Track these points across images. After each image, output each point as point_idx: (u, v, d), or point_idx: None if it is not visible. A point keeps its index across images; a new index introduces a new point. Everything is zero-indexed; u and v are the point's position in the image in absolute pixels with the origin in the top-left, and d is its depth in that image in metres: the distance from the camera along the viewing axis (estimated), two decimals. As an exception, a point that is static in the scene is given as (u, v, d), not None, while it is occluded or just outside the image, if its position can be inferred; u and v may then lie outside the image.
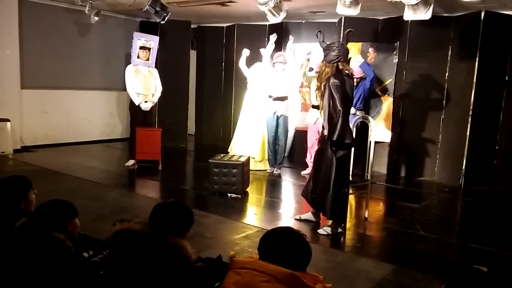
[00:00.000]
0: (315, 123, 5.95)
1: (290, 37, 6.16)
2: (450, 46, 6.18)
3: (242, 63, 6.51)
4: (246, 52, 6.45)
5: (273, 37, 6.13)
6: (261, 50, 6.39)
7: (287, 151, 7.00)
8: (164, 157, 6.48)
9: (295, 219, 4.36)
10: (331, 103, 3.79)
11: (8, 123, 6.88)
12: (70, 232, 2.14)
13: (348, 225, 4.26)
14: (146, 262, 1.80)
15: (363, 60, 6.03)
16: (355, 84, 5.08)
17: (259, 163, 6.40)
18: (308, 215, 4.29)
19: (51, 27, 7.50)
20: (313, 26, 7.49)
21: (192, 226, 2.20)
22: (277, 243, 1.77)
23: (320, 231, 4.01)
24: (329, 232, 3.98)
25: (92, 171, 6.17)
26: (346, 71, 3.88)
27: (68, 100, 7.91)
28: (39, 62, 7.40)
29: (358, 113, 5.85)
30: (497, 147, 5.97)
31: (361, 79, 6.09)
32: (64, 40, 7.72)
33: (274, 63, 6.22)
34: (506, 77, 5.87)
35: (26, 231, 1.97)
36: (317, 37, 4.04)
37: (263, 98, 6.35)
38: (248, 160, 5.50)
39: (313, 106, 5.95)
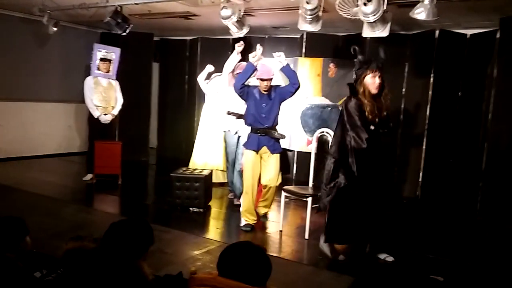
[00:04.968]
0: None
1: (258, 46, 4.59)
2: (406, 63, 6.40)
3: (201, 77, 6.19)
4: (209, 68, 6.16)
5: (240, 46, 5.11)
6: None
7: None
8: (124, 171, 6.33)
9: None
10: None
11: (-42, 136, 6.57)
12: (21, 251, 2.05)
13: (309, 237, 4.29)
14: (99, 283, 1.73)
15: (286, 63, 4.42)
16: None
17: (222, 176, 6.27)
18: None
19: (7, 37, 7.25)
20: (276, 41, 7.62)
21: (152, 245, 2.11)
22: (236, 258, 1.75)
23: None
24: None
25: (48, 186, 5.94)
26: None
27: (23, 112, 7.63)
28: (-7, 72, 7.13)
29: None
30: (451, 160, 6.20)
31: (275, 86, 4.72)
32: (21, 51, 7.48)
33: (237, 73, 5.13)
34: (459, 93, 6.13)
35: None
36: (353, 53, 3.67)
37: (221, 115, 5.70)
38: (210, 173, 5.45)
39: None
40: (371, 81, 3.50)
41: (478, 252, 4.23)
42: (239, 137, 5.41)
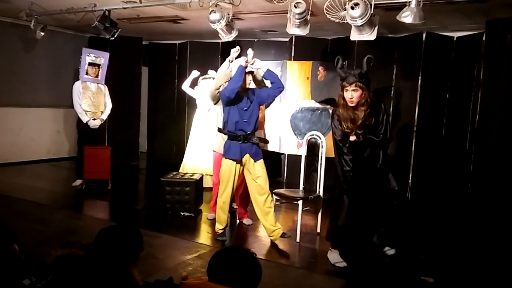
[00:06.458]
0: None
1: (249, 50, 4.44)
2: (394, 66, 6.46)
3: (185, 85, 6.16)
4: (194, 74, 6.11)
5: (235, 52, 4.60)
6: (210, 71, 5.99)
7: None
8: (114, 176, 6.29)
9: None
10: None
11: None
12: (9, 259, 2.02)
13: (300, 240, 4.30)
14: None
15: (266, 68, 4.20)
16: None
17: (211, 181, 6.24)
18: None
19: (-6, 42, 7.19)
20: (265, 44, 7.64)
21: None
22: (226, 263, 1.75)
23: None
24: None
25: (37, 192, 5.88)
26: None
27: (12, 118, 7.55)
28: (-20, 78, 7.05)
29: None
30: (440, 162, 6.26)
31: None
32: (8, 56, 7.40)
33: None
34: (447, 95, 6.20)
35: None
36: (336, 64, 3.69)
37: (212, 119, 5.69)
38: (201, 178, 5.44)
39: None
40: (346, 95, 3.58)
41: (469, 253, 4.26)
42: None
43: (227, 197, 4.26)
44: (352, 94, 3.53)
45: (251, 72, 4.21)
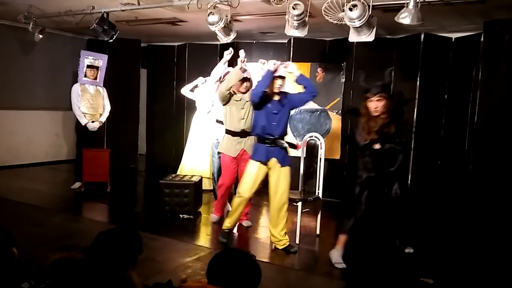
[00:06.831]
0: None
1: (241, 52, 4.50)
2: (392, 67, 6.46)
3: (185, 89, 6.20)
4: (199, 81, 6.11)
5: (228, 54, 5.01)
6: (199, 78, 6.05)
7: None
8: (113, 179, 6.28)
9: None
10: None
11: None
12: (7, 262, 2.01)
13: (300, 242, 4.29)
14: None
15: (299, 73, 4.17)
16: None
17: (209, 183, 6.21)
18: None
19: (-8, 45, 7.18)
20: (263, 46, 7.64)
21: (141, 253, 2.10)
22: (225, 266, 1.75)
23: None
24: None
25: (36, 195, 5.86)
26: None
27: (10, 120, 7.53)
28: (-22, 81, 7.04)
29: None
30: (439, 162, 6.26)
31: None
32: (6, 59, 7.39)
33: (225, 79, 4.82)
34: (445, 96, 6.20)
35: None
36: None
37: (210, 122, 5.72)
38: (200, 180, 5.43)
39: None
40: (370, 105, 3.79)
41: (468, 254, 4.26)
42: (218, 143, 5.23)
43: (244, 196, 4.16)
44: (377, 104, 3.75)
45: (282, 77, 4.08)
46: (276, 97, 4.11)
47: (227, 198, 4.98)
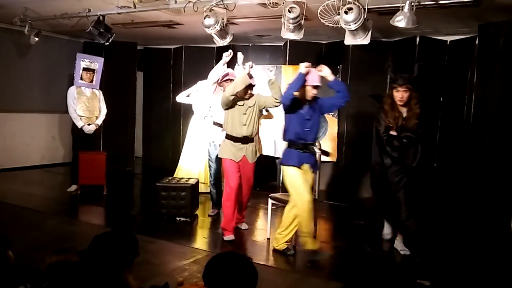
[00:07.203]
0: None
1: (240, 55, 4.77)
2: (388, 69, 6.47)
3: (181, 97, 6.17)
4: (194, 88, 6.08)
5: (227, 56, 4.96)
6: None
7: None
8: (109, 182, 6.27)
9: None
10: None
11: None
12: (3, 265, 2.01)
13: (297, 244, 4.29)
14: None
15: (332, 77, 4.18)
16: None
17: (204, 186, 6.18)
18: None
19: (-13, 48, 7.17)
20: (260, 49, 7.66)
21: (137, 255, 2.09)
22: (221, 268, 1.75)
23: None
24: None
25: (32, 198, 5.84)
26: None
27: (5, 123, 7.51)
28: (-27, 84, 7.02)
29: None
30: (435, 164, 6.28)
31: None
32: (2, 61, 7.37)
33: (223, 81, 4.83)
34: (441, 98, 6.23)
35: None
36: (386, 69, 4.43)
37: (207, 125, 5.64)
38: (197, 182, 5.42)
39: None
40: (396, 95, 4.10)
41: (465, 256, 4.27)
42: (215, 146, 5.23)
43: (308, 201, 3.86)
44: (403, 95, 4.06)
45: (317, 86, 4.00)
46: (308, 102, 4.00)
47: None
